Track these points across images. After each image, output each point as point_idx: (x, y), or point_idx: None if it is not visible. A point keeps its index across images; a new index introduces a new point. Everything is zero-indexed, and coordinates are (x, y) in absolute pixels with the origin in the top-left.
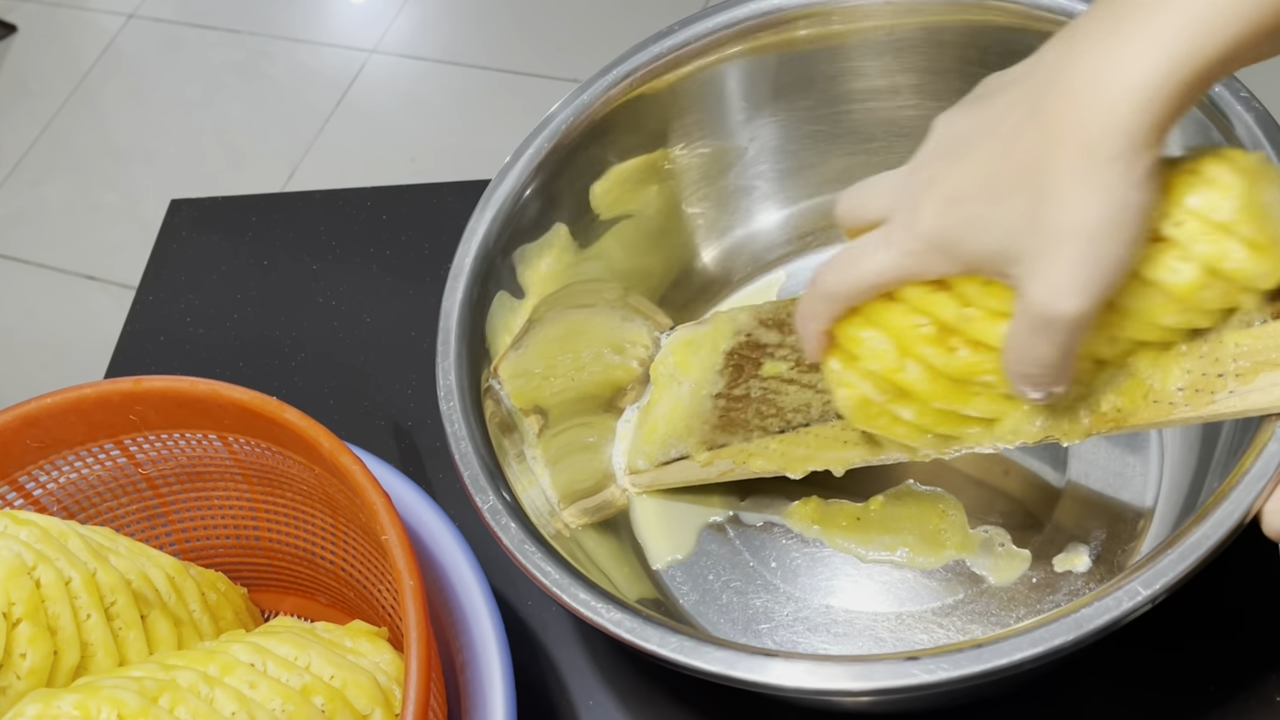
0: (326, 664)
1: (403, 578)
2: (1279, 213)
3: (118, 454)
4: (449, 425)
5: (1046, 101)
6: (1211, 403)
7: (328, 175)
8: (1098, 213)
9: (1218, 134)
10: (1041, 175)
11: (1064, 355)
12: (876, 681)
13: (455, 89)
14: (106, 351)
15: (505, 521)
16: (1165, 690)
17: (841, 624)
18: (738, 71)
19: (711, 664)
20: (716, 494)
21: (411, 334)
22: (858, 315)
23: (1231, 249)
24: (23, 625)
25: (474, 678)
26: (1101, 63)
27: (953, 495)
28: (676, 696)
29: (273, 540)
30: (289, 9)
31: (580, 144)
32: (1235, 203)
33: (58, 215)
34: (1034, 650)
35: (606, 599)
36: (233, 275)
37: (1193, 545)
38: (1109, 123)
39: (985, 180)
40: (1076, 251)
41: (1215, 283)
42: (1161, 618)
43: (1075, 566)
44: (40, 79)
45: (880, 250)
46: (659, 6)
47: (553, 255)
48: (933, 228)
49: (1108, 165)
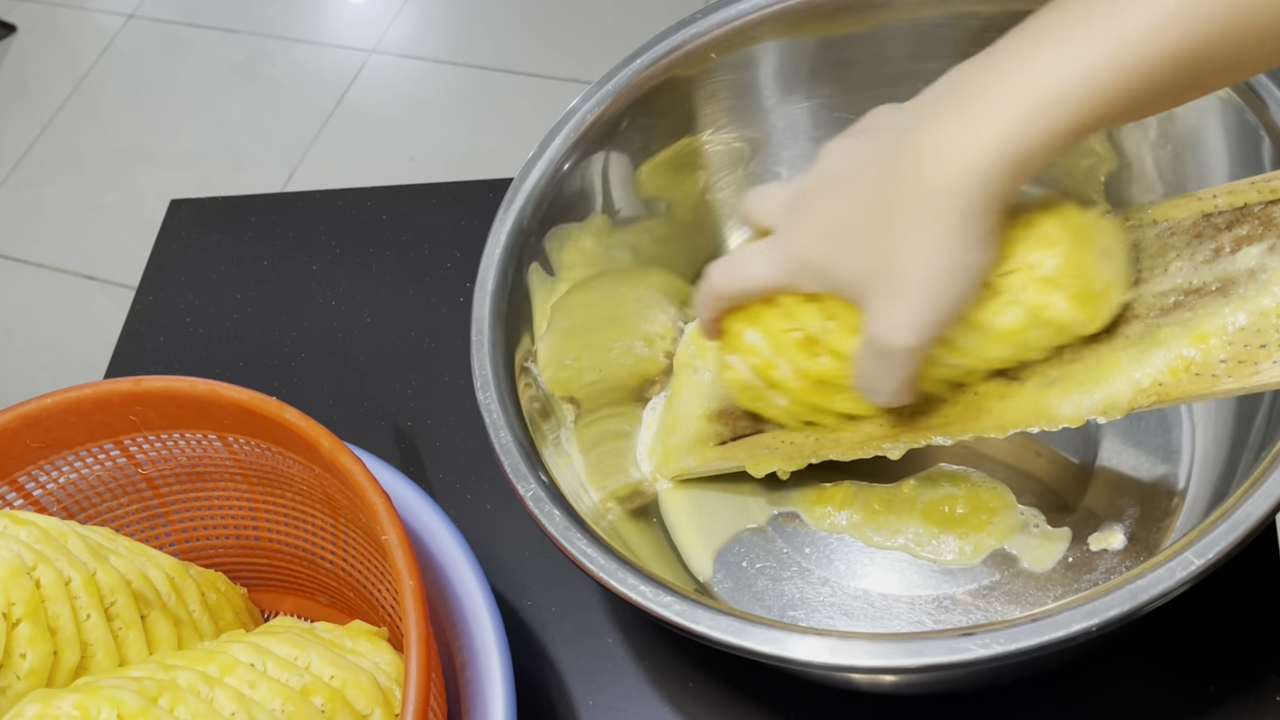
0: (326, 664)
1: (403, 578)
2: (1103, 267)
3: (117, 454)
4: (487, 415)
5: (898, 165)
6: (1256, 373)
7: (328, 175)
8: (934, 269)
9: (1252, 116)
10: (892, 229)
11: (901, 378)
12: (931, 658)
13: (455, 89)
14: (106, 351)
15: (549, 509)
16: (1165, 690)
17: (878, 608)
18: (773, 54)
19: (761, 644)
20: (747, 481)
21: (411, 334)
22: (742, 313)
23: (1054, 300)
24: (23, 625)
25: (474, 678)
26: (945, 140)
27: (989, 477)
28: (677, 696)
29: (273, 540)
30: (289, 9)
31: (611, 129)
32: (1060, 260)
33: (57, 215)
34: (1090, 622)
35: (654, 584)
36: (233, 275)
37: (1243, 515)
38: (948, 195)
39: (849, 222)
40: (913, 299)
41: (1039, 327)
42: (1161, 617)
43: (1111, 545)
44: (40, 79)
45: (761, 262)
46: (659, 6)
47: (586, 242)
48: (805, 253)
49: (947, 231)
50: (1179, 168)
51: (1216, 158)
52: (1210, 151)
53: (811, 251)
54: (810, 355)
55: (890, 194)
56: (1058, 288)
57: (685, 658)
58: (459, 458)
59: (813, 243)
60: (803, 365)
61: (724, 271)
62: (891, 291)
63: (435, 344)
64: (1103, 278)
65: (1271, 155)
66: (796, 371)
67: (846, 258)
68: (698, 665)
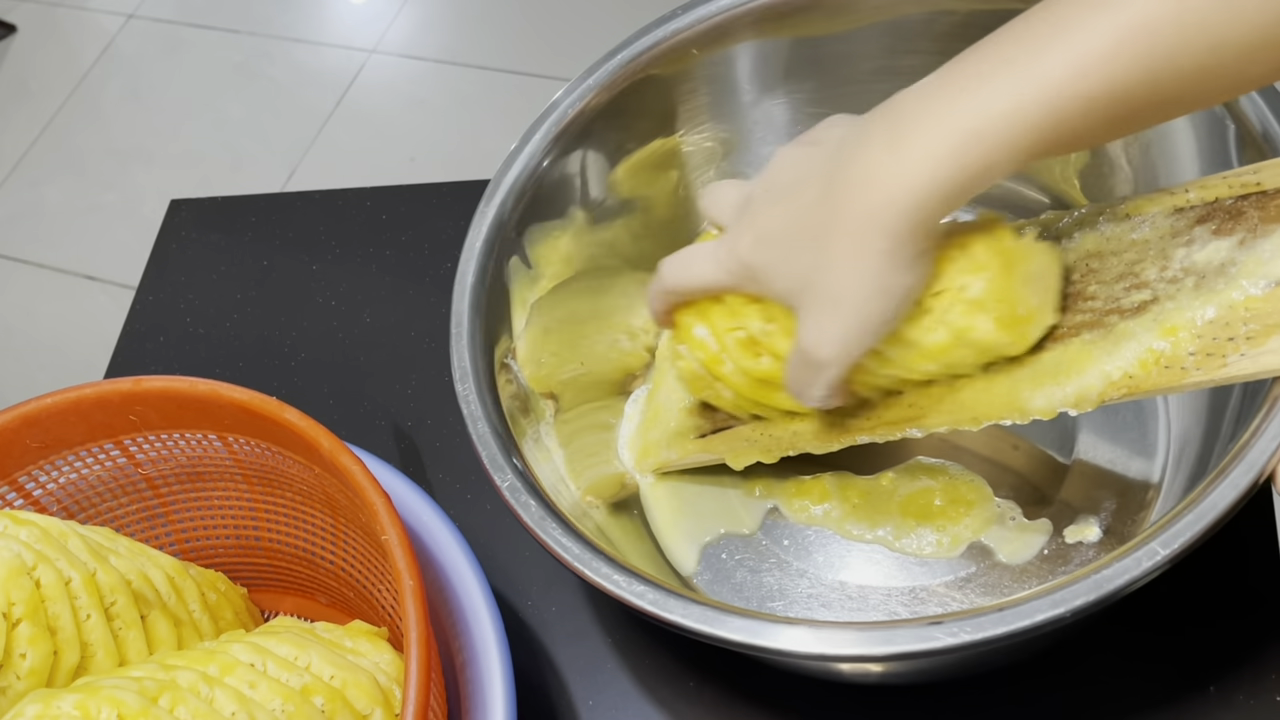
0: (326, 664)
1: (403, 578)
2: (1030, 291)
3: (117, 454)
4: (465, 406)
5: (834, 188)
6: (1224, 365)
7: (328, 175)
8: (861, 290)
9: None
10: (824, 247)
11: (828, 385)
12: (899, 646)
13: (455, 89)
14: (106, 351)
15: (525, 499)
16: (1165, 690)
17: (855, 599)
18: (749, 52)
19: (734, 633)
20: (727, 474)
21: (411, 334)
22: (693, 308)
23: (979, 322)
24: (23, 625)
25: (474, 678)
26: (876, 167)
27: (967, 470)
28: (676, 696)
29: (273, 540)
30: (289, 9)
31: (589, 127)
32: (985, 284)
33: (57, 215)
34: (1056, 611)
35: (628, 574)
36: (233, 275)
37: (1209, 506)
38: (875, 221)
39: (787, 233)
40: (840, 315)
41: (963, 347)
42: (1162, 616)
43: (1086, 537)
44: (40, 79)
45: (707, 262)
46: (659, 6)
47: (565, 238)
48: (747, 258)
49: (874, 255)
50: (1149, 163)
51: (1187, 152)
52: (1181, 146)
53: (751, 257)
54: (752, 355)
55: (826, 212)
56: (983, 310)
57: (685, 658)
58: (459, 458)
59: (753, 249)
60: (744, 364)
61: (673, 268)
62: (821, 306)
63: (435, 344)
64: (1028, 303)
65: (1239, 149)
66: (739, 369)
67: (783, 267)
68: (697, 666)
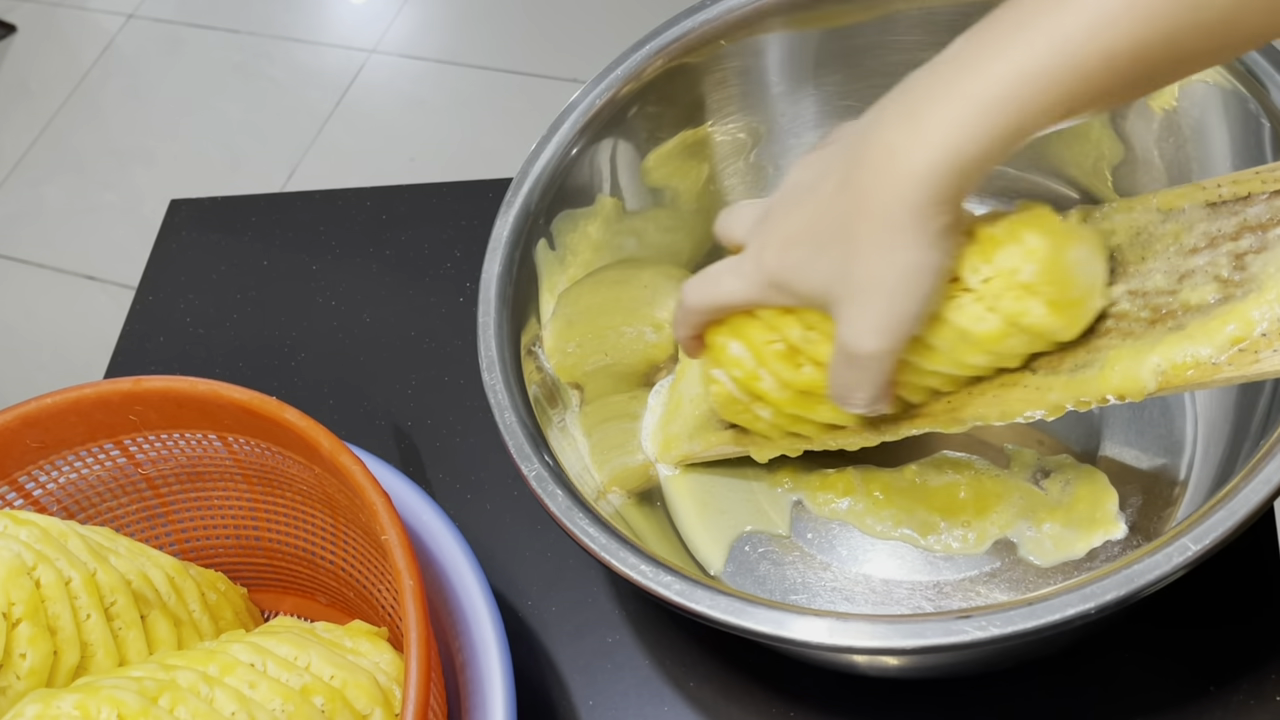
0: (326, 664)
1: (403, 578)
2: (1081, 273)
3: (117, 454)
4: (492, 396)
5: (852, 172)
6: (1256, 361)
7: (327, 175)
8: (893, 272)
9: (1254, 105)
10: (850, 236)
11: (874, 383)
12: (928, 639)
13: (455, 89)
14: (106, 351)
15: (551, 488)
16: (1164, 690)
17: (879, 593)
18: (779, 43)
19: (761, 624)
20: (750, 466)
21: (411, 334)
22: (724, 325)
23: (1032, 306)
24: (23, 625)
25: (474, 678)
26: (893, 145)
27: (992, 465)
28: (677, 695)
29: (273, 540)
30: (289, 9)
31: (619, 115)
32: (1038, 265)
33: (57, 215)
34: (1085, 606)
35: (655, 564)
36: (233, 275)
37: (1241, 502)
38: (899, 198)
39: (811, 233)
40: (876, 302)
41: (1017, 334)
42: (1162, 615)
43: (1112, 534)
44: (40, 79)
45: (733, 278)
46: (660, 6)
47: (594, 226)
48: (772, 265)
49: (900, 233)
50: (1183, 159)
51: (1220, 148)
52: (1214, 142)
53: (777, 263)
54: (793, 366)
55: (846, 202)
56: (1035, 294)
57: (685, 658)
58: (459, 458)
59: (778, 255)
60: (786, 376)
61: (697, 289)
62: (856, 298)
63: (435, 344)
64: (1080, 284)
65: (1274, 146)
66: (780, 382)
67: (810, 268)
68: (697, 665)
